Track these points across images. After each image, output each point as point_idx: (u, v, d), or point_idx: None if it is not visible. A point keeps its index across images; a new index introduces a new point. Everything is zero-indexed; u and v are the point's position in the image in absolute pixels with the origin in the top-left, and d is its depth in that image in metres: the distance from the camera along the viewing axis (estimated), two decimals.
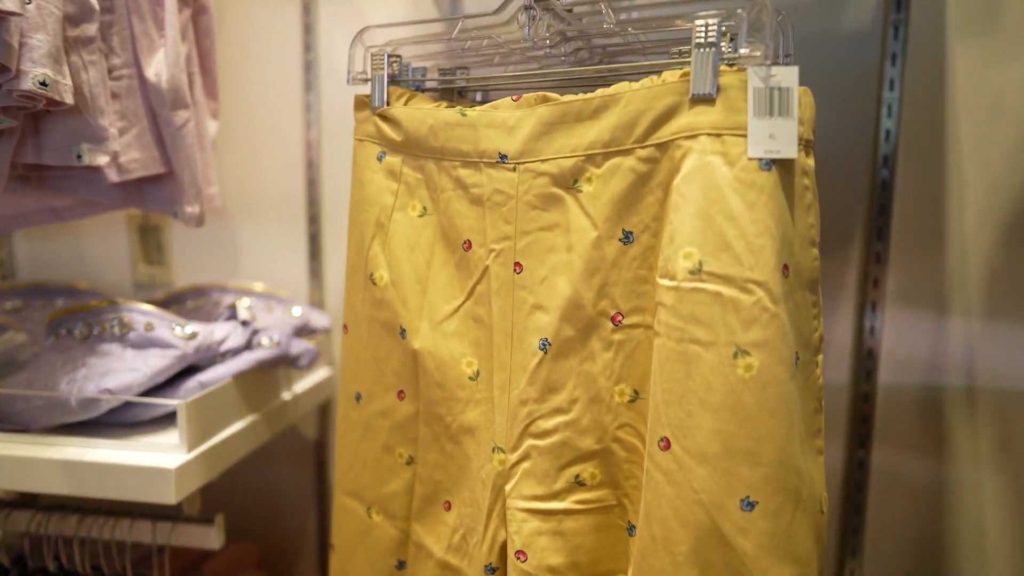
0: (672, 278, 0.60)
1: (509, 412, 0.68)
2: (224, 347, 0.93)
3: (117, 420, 0.86)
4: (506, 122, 0.68)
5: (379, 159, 0.78)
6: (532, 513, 0.67)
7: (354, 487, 0.82)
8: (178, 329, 0.90)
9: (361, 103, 0.80)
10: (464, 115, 0.70)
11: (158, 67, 0.86)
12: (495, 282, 0.69)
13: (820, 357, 0.63)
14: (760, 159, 0.57)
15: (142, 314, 0.90)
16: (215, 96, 1.02)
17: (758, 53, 0.57)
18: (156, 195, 0.93)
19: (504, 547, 0.68)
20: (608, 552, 0.67)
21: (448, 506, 0.74)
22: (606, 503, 0.67)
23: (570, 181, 0.66)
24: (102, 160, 0.82)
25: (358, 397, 0.81)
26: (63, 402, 0.83)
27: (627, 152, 0.63)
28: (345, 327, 0.83)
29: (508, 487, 0.68)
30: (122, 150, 0.86)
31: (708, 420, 0.58)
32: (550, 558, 0.67)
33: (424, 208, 0.76)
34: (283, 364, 0.99)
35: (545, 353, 0.66)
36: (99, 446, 0.82)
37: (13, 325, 1.04)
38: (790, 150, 0.57)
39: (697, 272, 0.58)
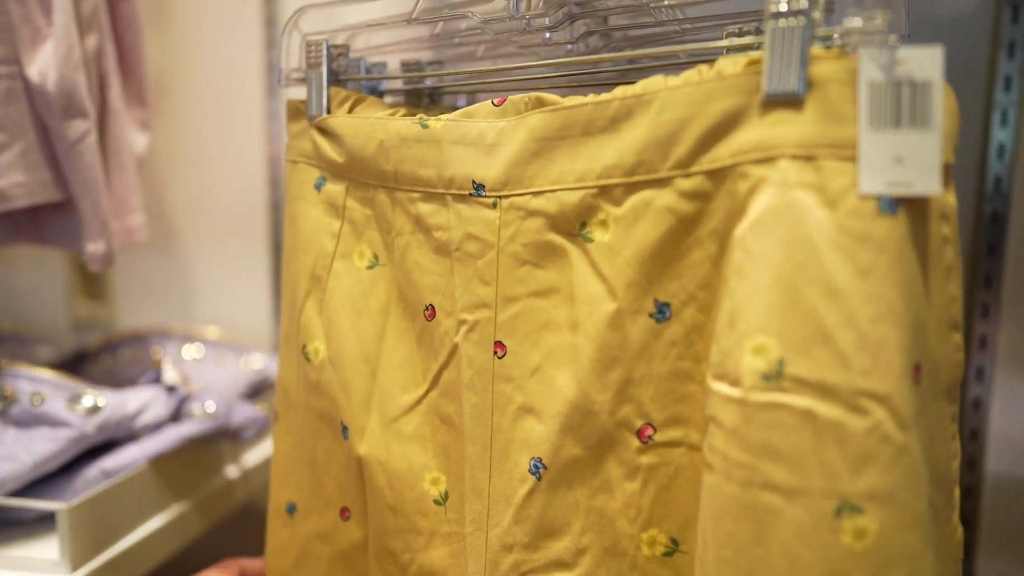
0: (734, 383, 0.38)
1: (487, 559, 0.47)
2: (141, 421, 0.73)
3: None
4: (483, 136, 0.47)
5: (317, 187, 0.57)
6: None
7: None
8: (78, 402, 0.70)
9: (295, 110, 0.59)
10: (424, 126, 0.50)
11: (43, 64, 0.66)
12: (467, 369, 0.48)
13: (957, 493, 0.42)
14: (880, 197, 0.36)
15: (30, 381, 0.70)
16: (144, 102, 0.82)
17: (877, 25, 0.35)
18: (55, 228, 0.73)
19: None
20: None
21: None
22: None
23: (576, 225, 0.45)
24: None
25: (291, 509, 0.61)
26: None
27: (662, 183, 0.42)
28: (276, 414, 0.63)
29: None
30: (1, 172, 0.66)
31: None
32: None
33: (375, 256, 0.55)
34: (221, 438, 0.78)
35: (539, 479, 0.45)
36: None
37: None
38: (929, 183, 0.35)
39: (775, 377, 0.37)
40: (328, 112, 0.56)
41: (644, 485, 0.44)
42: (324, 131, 0.56)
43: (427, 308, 0.51)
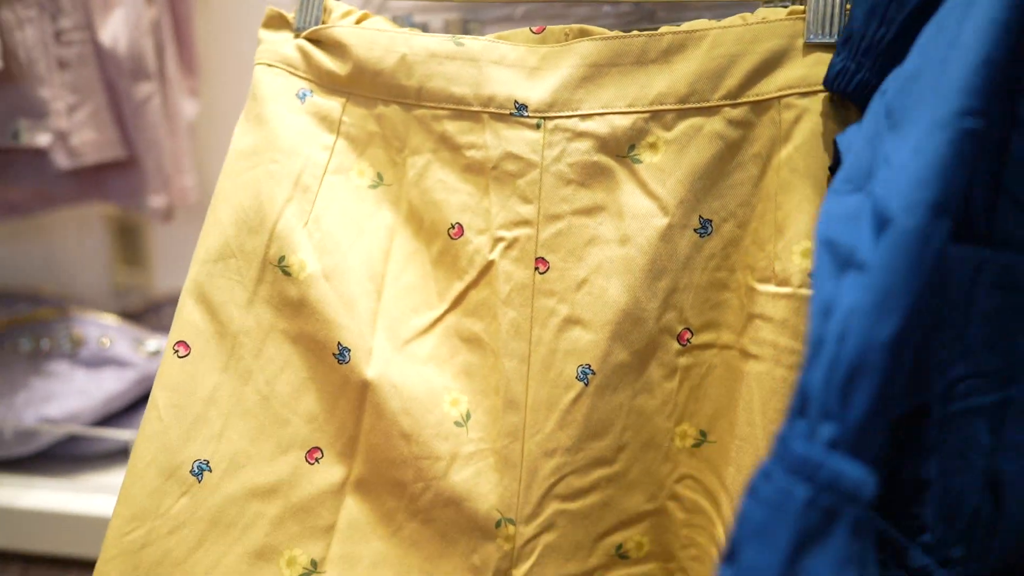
0: (783, 283, 0.45)
1: (525, 468, 0.50)
2: None
3: (65, 453, 0.72)
4: (525, 60, 0.51)
5: (300, 97, 0.54)
6: None
7: None
8: (143, 345, 0.75)
9: (275, 19, 0.55)
10: (460, 44, 0.52)
11: (114, 30, 0.71)
12: (504, 285, 0.51)
13: None
14: None
15: (97, 327, 0.75)
16: (193, 71, 0.88)
17: None
18: (117, 185, 0.79)
19: None
20: None
21: None
22: None
23: (625, 147, 0.49)
24: (43, 140, 0.68)
25: (199, 470, 0.49)
26: None
27: (711, 111, 0.47)
28: (183, 345, 0.50)
29: (520, 571, 0.50)
30: (73, 130, 0.71)
31: None
32: None
33: (378, 176, 0.55)
34: None
35: (586, 385, 0.50)
36: (36, 487, 0.67)
37: None
38: None
39: None
40: (320, 23, 0.54)
41: (680, 384, 0.50)
42: (319, 42, 0.54)
43: (453, 226, 0.52)
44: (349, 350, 0.50)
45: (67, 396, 0.70)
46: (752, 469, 0.45)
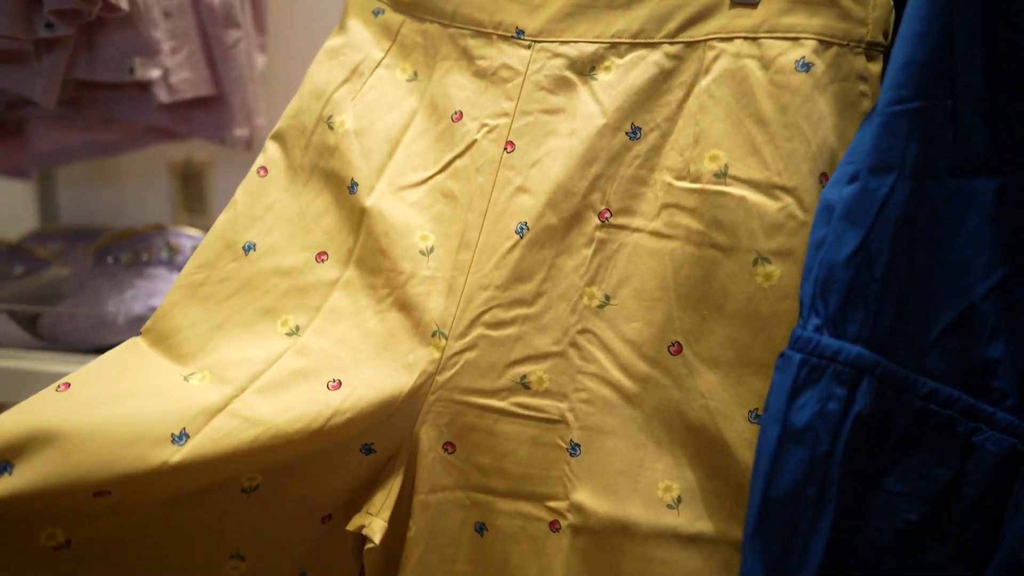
0: (696, 180, 0.59)
1: (464, 295, 0.63)
2: None
3: None
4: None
5: (375, 14, 0.72)
6: (468, 407, 0.62)
7: (179, 342, 0.62)
8: None
9: None
10: None
11: None
12: (480, 158, 0.65)
13: None
14: (797, 60, 0.57)
15: (190, 239, 0.88)
16: (263, 29, 1.01)
17: None
18: (204, 120, 0.92)
19: (413, 441, 0.63)
20: (541, 473, 0.61)
21: (337, 385, 0.61)
22: (548, 416, 0.62)
23: (587, 67, 0.64)
24: (154, 73, 0.81)
25: (248, 248, 0.66)
26: (110, 322, 0.82)
27: (654, 46, 0.62)
28: (263, 169, 0.69)
29: (443, 377, 0.62)
30: (173, 69, 0.85)
31: (723, 327, 0.57)
32: (480, 456, 0.62)
33: (415, 73, 0.71)
34: None
35: (521, 238, 0.62)
36: None
37: (57, 260, 1.03)
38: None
39: (722, 176, 0.58)
40: None
41: (595, 252, 0.62)
42: None
43: (456, 113, 0.67)
44: (358, 185, 0.66)
45: None
46: (662, 324, 0.59)
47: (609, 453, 0.59)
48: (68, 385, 0.56)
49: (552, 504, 0.61)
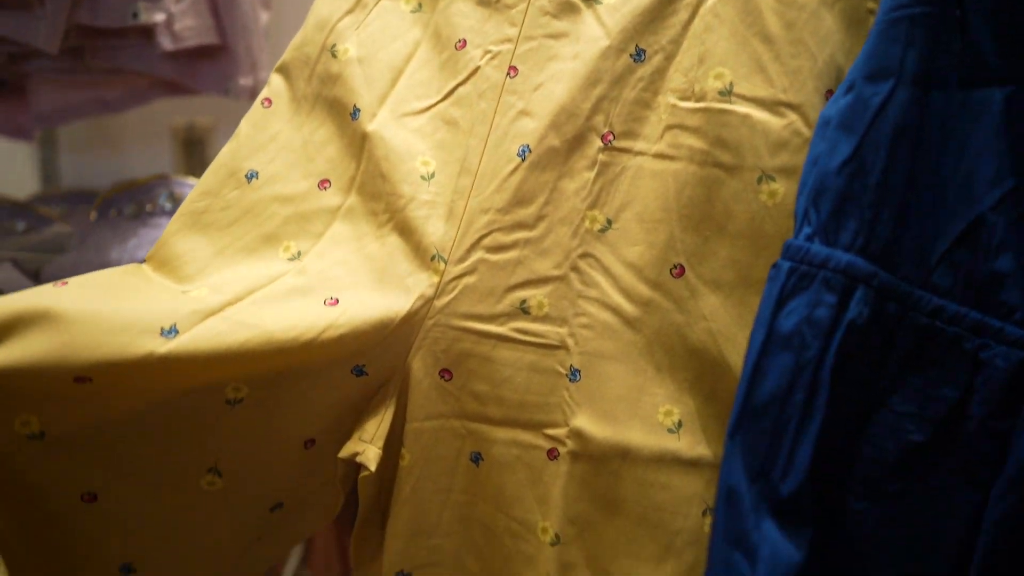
0: (700, 99, 0.58)
1: (464, 219, 0.63)
2: None
3: None
4: None
5: None
6: (466, 332, 0.62)
7: (179, 266, 0.63)
8: None
9: None
10: None
11: None
12: (483, 84, 0.65)
13: None
14: None
15: (192, 188, 0.88)
16: None
17: None
18: (208, 70, 0.92)
19: (407, 367, 0.63)
20: (539, 400, 0.61)
21: (334, 302, 0.62)
22: (547, 341, 0.61)
23: None
24: (158, 17, 0.81)
25: (251, 176, 0.66)
26: None
27: None
28: (268, 101, 0.70)
29: (441, 302, 0.62)
30: (177, 16, 0.85)
31: (726, 247, 0.57)
32: (477, 384, 0.62)
33: (419, 4, 0.70)
34: None
35: (523, 160, 0.62)
36: None
37: (59, 218, 1.03)
38: None
39: (727, 93, 0.57)
40: None
41: (597, 175, 0.61)
42: None
43: (460, 40, 0.67)
44: (360, 111, 0.66)
45: None
46: (664, 246, 0.59)
47: (609, 378, 0.59)
48: (66, 283, 0.56)
49: (550, 432, 0.61)
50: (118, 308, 0.54)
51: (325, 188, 0.66)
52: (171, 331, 0.54)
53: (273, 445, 0.62)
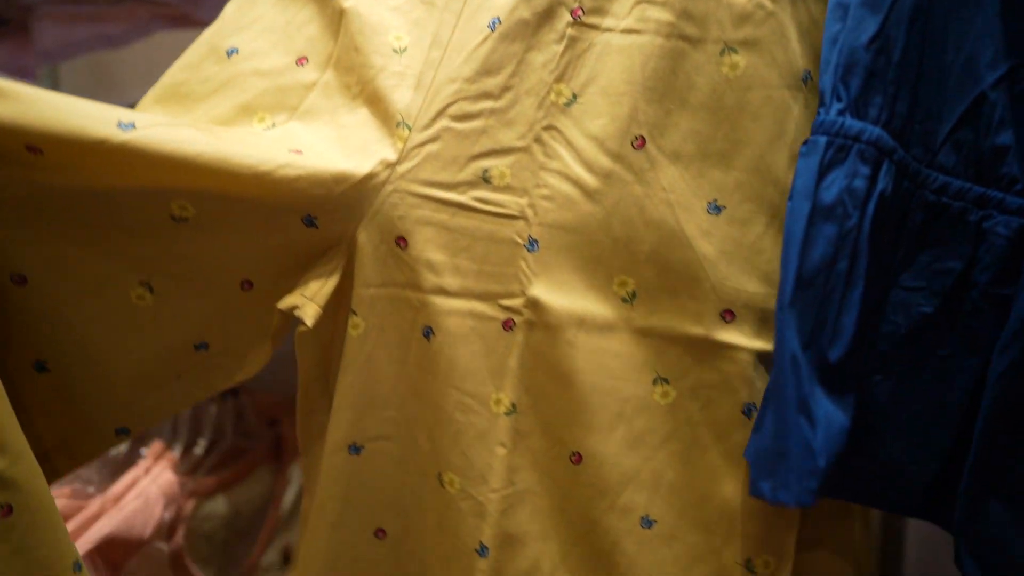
0: None
1: (432, 88, 0.62)
2: None
3: None
4: None
5: None
6: (425, 199, 0.61)
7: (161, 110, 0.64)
8: None
9: None
10: None
11: None
12: None
13: None
14: None
15: None
16: None
17: None
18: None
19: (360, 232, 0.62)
20: (496, 271, 0.62)
21: (298, 152, 0.62)
22: (507, 211, 0.61)
23: None
24: None
25: (231, 52, 0.65)
26: None
27: None
28: None
29: (403, 167, 0.62)
30: None
31: (687, 119, 0.57)
32: (431, 252, 0.62)
33: None
34: None
35: (492, 31, 0.62)
36: None
37: None
38: None
39: None
40: None
41: (565, 49, 0.61)
42: None
43: None
44: None
45: None
46: (627, 117, 0.59)
47: (567, 248, 0.60)
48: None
49: (506, 302, 0.61)
50: (79, 100, 0.54)
51: (303, 64, 0.64)
52: (129, 125, 0.54)
53: (210, 275, 0.62)
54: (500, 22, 0.61)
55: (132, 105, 0.95)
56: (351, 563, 0.68)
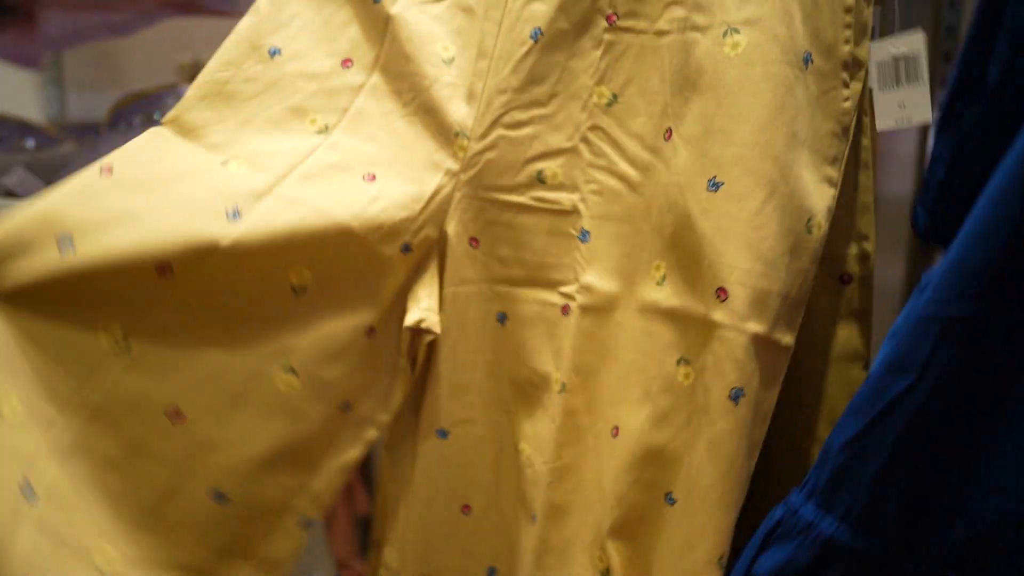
0: None
1: (484, 99, 0.67)
2: None
3: None
4: None
5: None
6: (490, 203, 0.67)
7: (207, 133, 0.64)
8: None
9: None
10: None
11: None
12: None
13: (856, 86, 0.60)
14: None
15: None
16: None
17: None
18: None
19: (442, 237, 0.67)
20: (555, 261, 0.67)
21: (371, 178, 0.65)
22: (562, 207, 0.67)
23: None
24: None
25: (273, 52, 0.67)
26: None
27: None
28: None
29: (467, 175, 0.67)
30: None
31: (697, 103, 0.59)
32: (501, 248, 0.67)
33: None
34: None
35: (535, 42, 0.65)
36: None
37: (65, 138, 1.05)
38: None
39: None
40: None
41: (604, 54, 0.65)
42: None
43: None
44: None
45: None
46: (660, 113, 0.62)
47: (615, 238, 0.64)
48: (111, 169, 0.58)
49: (564, 289, 0.66)
50: (180, 194, 0.57)
51: (348, 67, 0.68)
52: (235, 214, 0.58)
53: (340, 336, 0.65)
54: (542, 33, 0.65)
55: (137, 92, 0.97)
56: (444, 539, 0.73)
